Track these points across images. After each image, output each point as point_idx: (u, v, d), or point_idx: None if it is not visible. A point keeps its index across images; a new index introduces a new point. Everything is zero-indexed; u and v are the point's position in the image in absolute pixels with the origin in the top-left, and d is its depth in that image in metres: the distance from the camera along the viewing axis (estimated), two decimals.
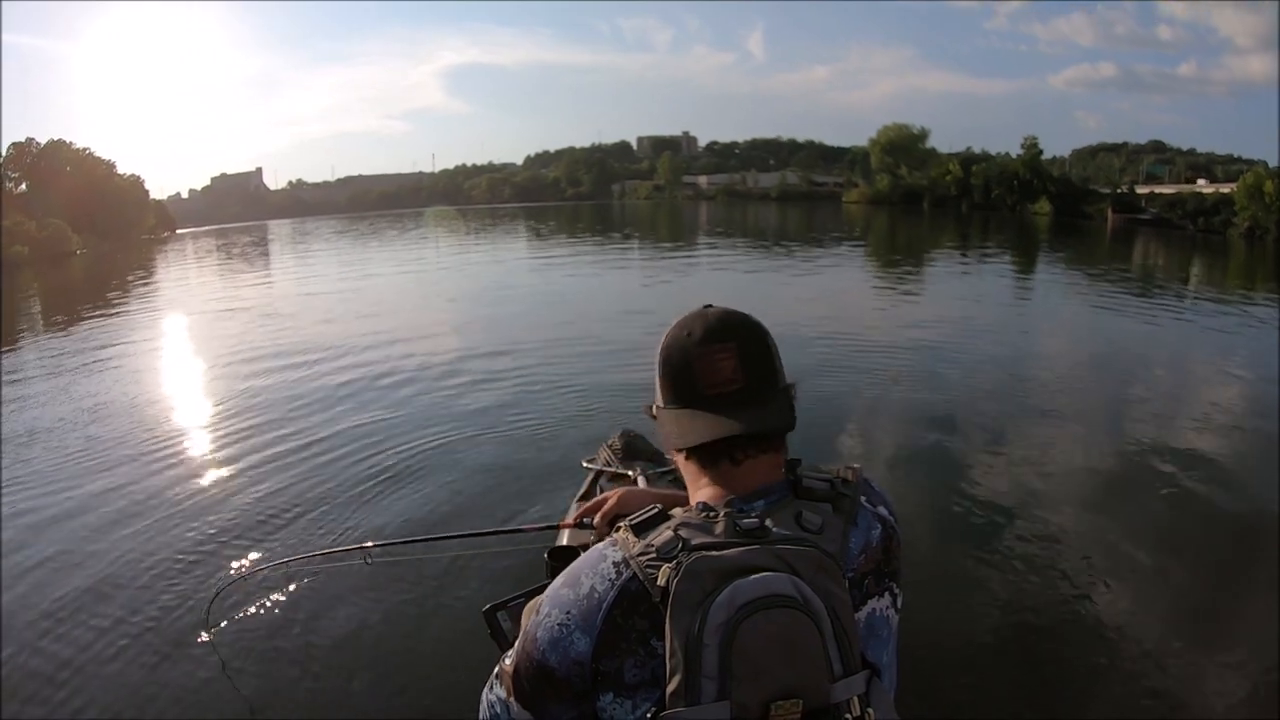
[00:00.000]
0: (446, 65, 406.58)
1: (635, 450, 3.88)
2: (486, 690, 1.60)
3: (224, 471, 7.18)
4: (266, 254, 45.27)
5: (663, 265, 27.14)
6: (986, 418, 8.57)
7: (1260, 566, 5.38)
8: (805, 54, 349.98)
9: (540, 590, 1.91)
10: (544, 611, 1.43)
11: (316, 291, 22.77)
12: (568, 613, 1.39)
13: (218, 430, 8.42)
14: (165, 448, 7.95)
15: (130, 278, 32.58)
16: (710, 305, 1.59)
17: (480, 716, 1.60)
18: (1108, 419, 8.71)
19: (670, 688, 1.27)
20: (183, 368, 12.66)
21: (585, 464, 3.67)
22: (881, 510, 1.54)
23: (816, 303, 17.42)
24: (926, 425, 8.26)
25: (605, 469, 3.56)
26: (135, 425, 8.86)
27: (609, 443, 4.00)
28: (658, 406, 1.58)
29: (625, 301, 18.07)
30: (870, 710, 1.33)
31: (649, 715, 1.31)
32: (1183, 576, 5.29)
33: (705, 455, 1.50)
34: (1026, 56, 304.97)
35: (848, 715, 1.30)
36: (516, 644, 1.51)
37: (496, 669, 1.59)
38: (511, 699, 1.50)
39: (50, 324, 20.04)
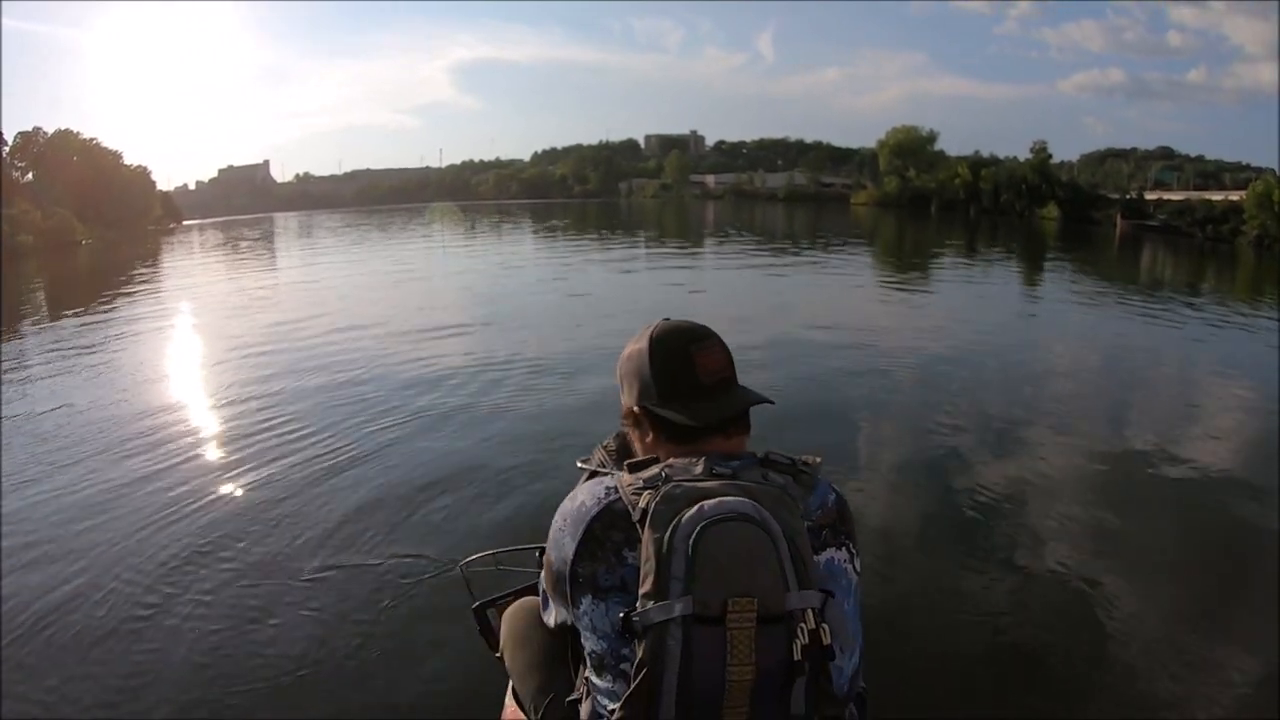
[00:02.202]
0: (457, 60, 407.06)
1: (629, 452, 3.82)
2: (541, 582, 1.91)
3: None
4: (272, 248, 45.15)
5: (673, 267, 26.98)
6: (986, 422, 8.51)
7: (1259, 573, 5.38)
8: (815, 57, 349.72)
9: (528, 590, 2.53)
10: (554, 520, 1.74)
11: (324, 291, 22.68)
12: (565, 519, 1.70)
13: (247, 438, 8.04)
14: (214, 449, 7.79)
15: (141, 268, 32.52)
16: (667, 318, 1.88)
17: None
18: (1109, 426, 8.68)
19: (643, 589, 1.48)
20: (208, 364, 12.43)
21: (580, 464, 3.61)
22: (834, 487, 1.76)
23: (820, 305, 17.36)
24: (926, 429, 8.22)
25: (599, 470, 3.51)
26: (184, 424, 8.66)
27: (604, 444, 3.93)
28: (644, 406, 1.80)
29: (635, 304, 17.90)
30: (825, 626, 1.48)
31: (621, 615, 1.49)
32: (1181, 582, 5.25)
33: (702, 433, 1.72)
34: (1036, 62, 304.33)
35: (802, 625, 1.46)
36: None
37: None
38: (547, 588, 1.81)
39: (62, 312, 19.89)
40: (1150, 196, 63.19)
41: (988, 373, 11.05)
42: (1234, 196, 51.03)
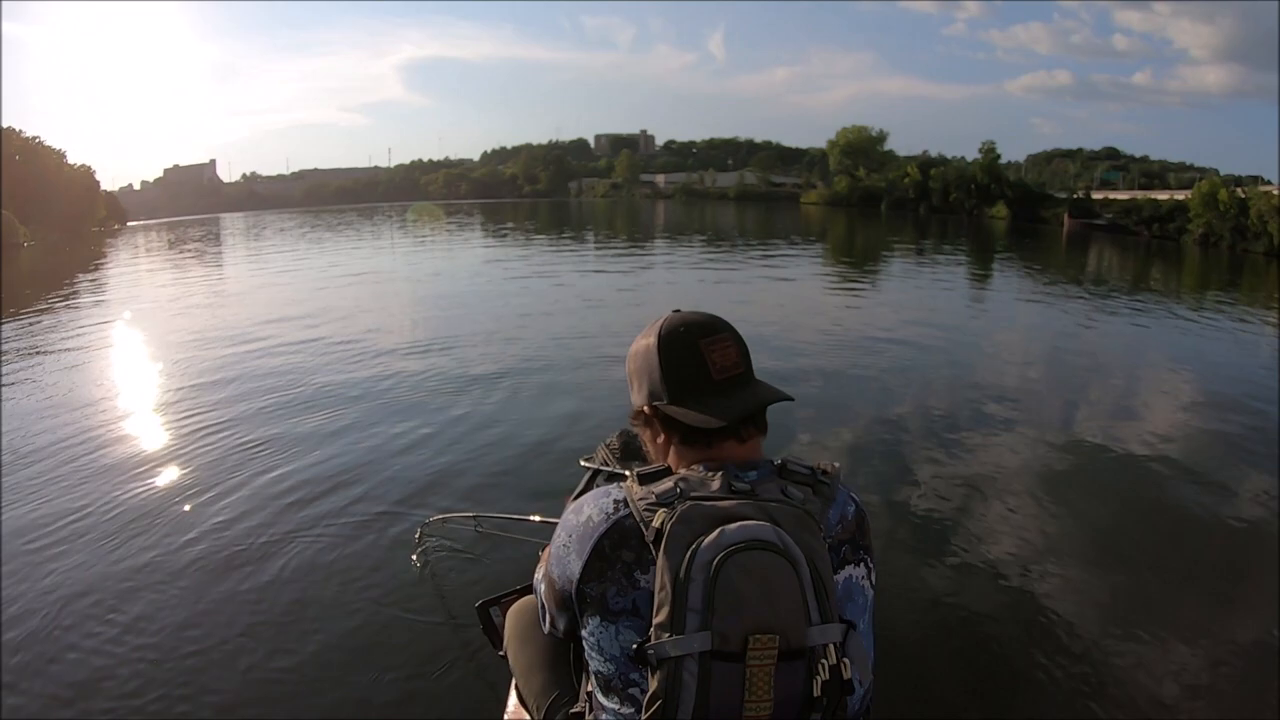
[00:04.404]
0: (407, 58, 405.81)
1: (633, 450, 3.86)
2: (537, 587, 1.91)
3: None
4: (220, 251, 44.48)
5: (634, 267, 26.89)
6: (936, 420, 8.56)
7: (1207, 562, 5.51)
8: (766, 56, 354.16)
9: (532, 589, 2.36)
10: (557, 533, 1.65)
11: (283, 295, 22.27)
12: (569, 536, 1.61)
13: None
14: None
15: (85, 272, 31.86)
16: (678, 309, 1.79)
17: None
18: (1058, 420, 8.79)
19: (658, 619, 1.42)
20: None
21: (583, 462, 3.68)
22: (854, 496, 1.72)
23: (772, 304, 17.45)
24: (876, 427, 8.25)
25: (603, 468, 3.58)
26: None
27: (607, 442, 4.00)
28: (655, 405, 1.70)
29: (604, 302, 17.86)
30: (846, 661, 1.44)
31: (634, 646, 1.44)
32: (1132, 574, 5.31)
33: (716, 434, 1.64)
34: (984, 63, 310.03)
35: (823, 661, 1.42)
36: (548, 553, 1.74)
37: (540, 571, 1.89)
38: (548, 602, 1.75)
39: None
40: (1097, 196, 64.27)
41: (935, 370, 11.07)
42: (1179, 196, 52.04)
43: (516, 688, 2.29)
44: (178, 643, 4.32)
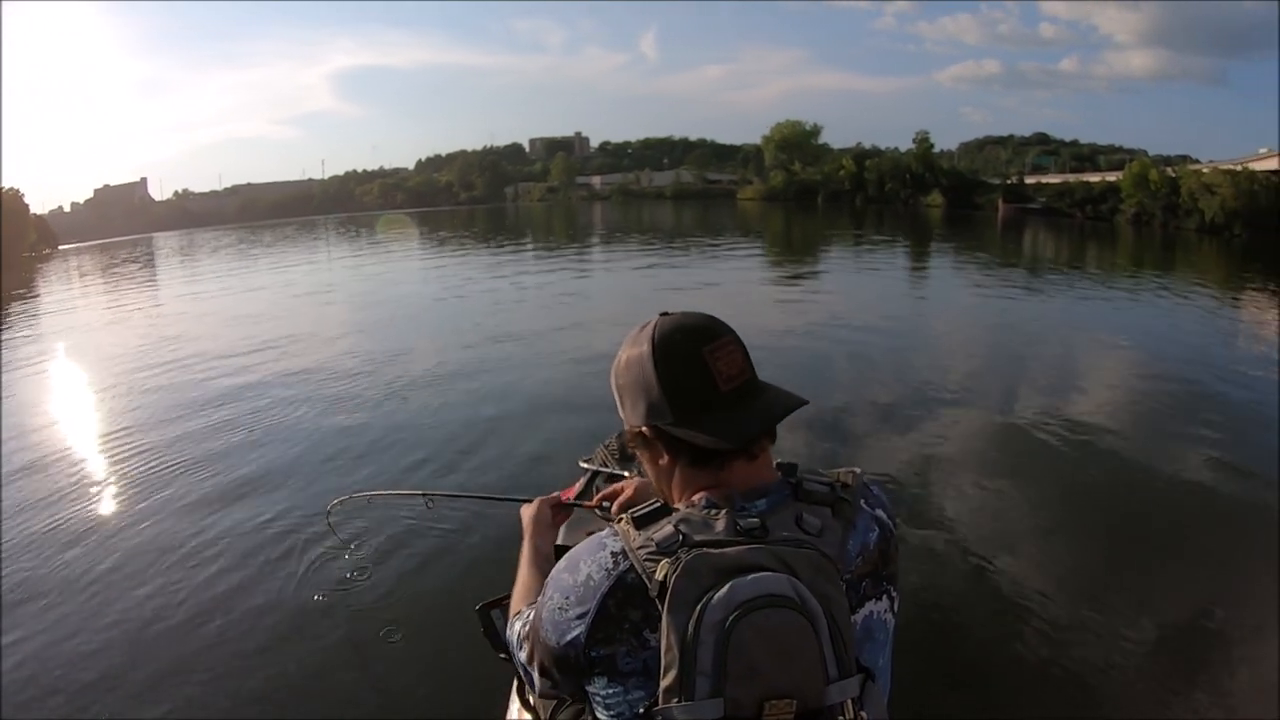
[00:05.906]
0: (337, 68, 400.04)
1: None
2: (515, 647, 1.68)
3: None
4: (154, 274, 43.71)
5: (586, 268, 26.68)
6: (884, 406, 8.58)
7: (1149, 527, 5.64)
8: (698, 55, 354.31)
9: None
10: (548, 593, 1.47)
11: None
12: (566, 597, 1.42)
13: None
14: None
15: (20, 303, 31.01)
16: (665, 312, 1.56)
17: (514, 658, 1.70)
18: (1003, 398, 8.89)
19: (665, 683, 1.29)
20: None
21: (582, 464, 3.49)
22: (880, 513, 1.51)
23: (715, 300, 17.13)
24: (828, 413, 8.14)
25: (601, 469, 3.39)
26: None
27: (605, 443, 3.88)
28: (656, 425, 1.48)
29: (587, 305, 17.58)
30: (864, 714, 1.34)
31: (641, 710, 1.34)
32: (1085, 547, 5.37)
33: (725, 454, 1.44)
34: (914, 55, 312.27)
35: (841, 718, 1.31)
36: (533, 614, 1.54)
37: (521, 624, 1.64)
38: (531, 665, 1.55)
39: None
40: (1030, 181, 65.65)
41: (881, 357, 11.11)
42: (1110, 177, 53.27)
43: (519, 690, 2.22)
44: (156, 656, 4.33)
